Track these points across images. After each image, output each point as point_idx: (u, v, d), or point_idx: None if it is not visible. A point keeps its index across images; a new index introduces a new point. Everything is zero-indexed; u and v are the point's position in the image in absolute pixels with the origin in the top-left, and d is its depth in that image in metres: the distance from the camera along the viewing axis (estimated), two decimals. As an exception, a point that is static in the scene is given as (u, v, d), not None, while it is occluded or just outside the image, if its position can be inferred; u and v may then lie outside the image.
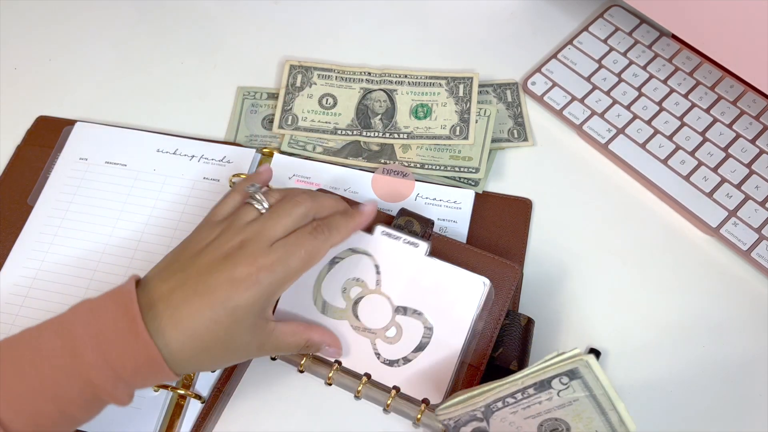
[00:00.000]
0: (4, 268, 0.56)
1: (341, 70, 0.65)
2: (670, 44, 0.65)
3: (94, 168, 0.60)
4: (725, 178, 0.58)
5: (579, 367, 0.37)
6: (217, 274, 0.41)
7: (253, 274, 0.41)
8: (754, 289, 0.55)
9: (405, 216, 0.53)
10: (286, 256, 0.43)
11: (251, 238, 0.43)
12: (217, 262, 0.42)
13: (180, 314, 0.40)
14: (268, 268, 0.42)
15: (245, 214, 0.45)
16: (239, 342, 0.43)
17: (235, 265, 0.42)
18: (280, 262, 0.42)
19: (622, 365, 0.52)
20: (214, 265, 0.42)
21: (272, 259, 0.42)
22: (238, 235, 0.43)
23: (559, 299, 0.55)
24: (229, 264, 0.42)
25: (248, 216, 0.45)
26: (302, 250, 0.43)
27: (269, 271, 0.42)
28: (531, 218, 0.58)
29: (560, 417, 0.40)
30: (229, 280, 0.41)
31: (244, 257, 0.42)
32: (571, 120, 0.62)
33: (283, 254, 0.43)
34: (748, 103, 0.61)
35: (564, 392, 0.38)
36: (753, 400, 0.51)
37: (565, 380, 0.37)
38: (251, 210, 0.45)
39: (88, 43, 0.69)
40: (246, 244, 0.43)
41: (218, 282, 0.41)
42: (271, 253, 0.42)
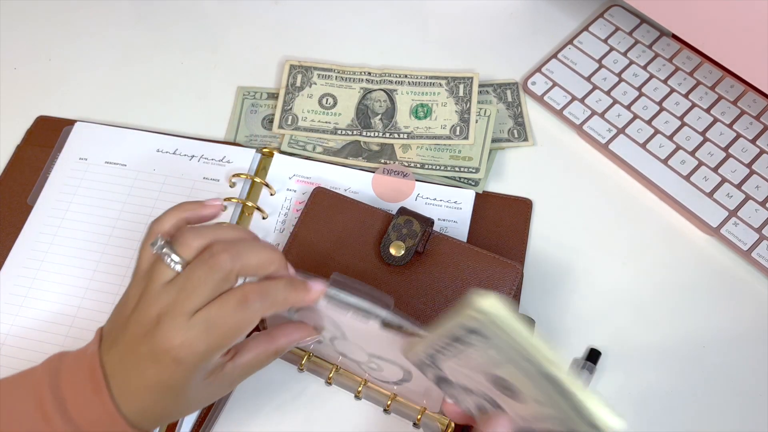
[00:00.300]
0: (4, 268, 0.56)
1: (341, 70, 0.65)
2: (670, 44, 0.64)
3: (94, 168, 0.60)
4: (725, 178, 0.58)
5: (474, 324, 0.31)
6: (141, 355, 0.38)
7: (172, 354, 0.38)
8: (754, 289, 0.55)
9: (404, 215, 0.53)
10: (206, 332, 0.38)
11: (166, 312, 0.38)
12: (139, 340, 0.39)
13: (127, 394, 0.39)
14: (188, 347, 0.38)
15: (159, 273, 0.40)
16: (199, 398, 0.41)
17: (155, 344, 0.38)
18: (200, 340, 0.38)
19: (621, 365, 0.52)
20: (137, 343, 0.39)
21: (191, 336, 0.38)
22: (155, 306, 0.39)
23: (559, 299, 0.55)
24: (149, 342, 0.38)
25: (162, 276, 0.40)
26: (226, 326, 0.38)
27: (189, 349, 0.38)
28: (531, 218, 0.58)
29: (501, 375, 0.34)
30: (153, 361, 0.38)
31: (161, 336, 0.38)
32: (572, 120, 0.62)
33: (202, 330, 0.38)
34: (748, 103, 0.61)
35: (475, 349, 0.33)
36: (753, 400, 0.51)
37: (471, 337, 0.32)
38: (164, 269, 0.40)
39: (87, 42, 0.69)
40: (162, 319, 0.38)
41: (145, 365, 0.38)
42: (189, 329, 0.38)
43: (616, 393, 0.51)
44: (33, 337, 0.53)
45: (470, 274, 0.51)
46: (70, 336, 0.53)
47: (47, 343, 0.52)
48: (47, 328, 0.53)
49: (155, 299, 0.39)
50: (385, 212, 0.54)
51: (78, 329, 0.53)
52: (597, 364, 0.52)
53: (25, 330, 0.53)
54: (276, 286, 0.40)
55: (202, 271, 0.39)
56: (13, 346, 0.52)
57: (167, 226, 0.42)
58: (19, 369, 0.41)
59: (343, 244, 0.53)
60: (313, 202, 0.55)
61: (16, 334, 0.53)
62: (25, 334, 0.53)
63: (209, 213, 0.44)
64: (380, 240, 0.53)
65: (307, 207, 0.55)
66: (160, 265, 0.40)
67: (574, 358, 0.53)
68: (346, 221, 0.54)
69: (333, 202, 0.55)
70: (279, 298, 0.40)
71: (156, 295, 0.39)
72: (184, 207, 0.43)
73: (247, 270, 0.40)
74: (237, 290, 0.39)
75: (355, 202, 0.55)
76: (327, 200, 0.55)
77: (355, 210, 0.54)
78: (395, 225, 0.52)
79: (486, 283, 0.51)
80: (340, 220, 0.54)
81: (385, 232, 0.53)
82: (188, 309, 0.38)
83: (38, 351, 0.52)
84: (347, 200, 0.55)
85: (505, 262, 0.51)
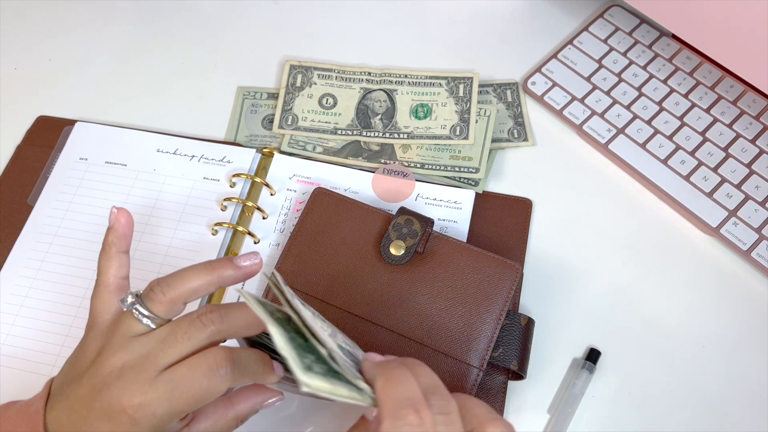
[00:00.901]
0: (4, 268, 0.56)
1: (341, 70, 0.65)
2: (670, 44, 0.65)
3: (94, 168, 0.60)
4: (725, 178, 0.58)
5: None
6: (95, 412, 0.36)
7: (129, 414, 0.35)
8: (754, 289, 0.55)
9: (404, 215, 0.53)
10: (168, 395, 0.36)
11: (133, 365, 0.36)
12: (95, 393, 0.36)
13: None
14: (147, 407, 0.35)
15: (128, 326, 0.38)
16: None
17: (110, 401, 0.36)
18: (160, 402, 0.36)
19: (621, 365, 0.52)
20: (92, 396, 0.36)
21: (151, 398, 0.35)
22: (119, 357, 0.37)
23: (559, 299, 0.55)
24: (105, 398, 0.36)
25: (132, 329, 0.38)
26: (191, 391, 0.36)
27: (148, 411, 0.35)
28: (531, 218, 0.58)
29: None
30: (106, 419, 0.36)
31: (119, 392, 0.36)
32: (571, 120, 0.62)
33: (165, 393, 0.36)
34: (748, 103, 0.61)
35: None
36: (753, 400, 0.51)
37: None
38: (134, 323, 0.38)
39: (88, 43, 0.69)
40: (125, 373, 0.36)
41: (98, 421, 0.36)
42: (150, 390, 0.35)
43: (616, 393, 0.51)
44: (33, 337, 0.53)
45: (470, 274, 0.51)
46: (70, 336, 0.53)
47: (47, 343, 0.52)
48: (47, 328, 0.53)
49: (121, 350, 0.37)
50: (385, 212, 0.54)
51: (78, 329, 0.53)
52: (597, 364, 0.52)
53: (25, 330, 0.53)
54: (248, 359, 0.38)
55: (188, 327, 0.37)
56: (13, 346, 0.52)
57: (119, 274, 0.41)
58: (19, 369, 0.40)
59: (343, 243, 0.53)
60: (314, 203, 0.55)
61: (16, 334, 0.53)
62: (25, 334, 0.53)
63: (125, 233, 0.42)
64: (380, 240, 0.53)
65: (307, 207, 0.55)
66: (128, 319, 0.38)
67: (574, 358, 0.53)
68: (346, 221, 0.54)
69: (333, 202, 0.55)
70: (249, 371, 0.38)
71: (122, 346, 0.37)
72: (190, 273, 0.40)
73: (234, 331, 0.38)
74: (208, 354, 0.37)
75: (355, 202, 0.55)
76: (327, 200, 0.55)
77: (355, 210, 0.54)
78: (395, 224, 0.52)
79: (486, 283, 0.51)
80: (340, 220, 0.54)
81: (385, 232, 0.53)
82: (160, 364, 0.36)
83: (38, 351, 0.52)
84: (347, 200, 0.55)
85: (505, 262, 0.51)
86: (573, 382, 0.51)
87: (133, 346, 0.37)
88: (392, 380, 0.33)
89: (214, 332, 0.38)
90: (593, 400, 0.51)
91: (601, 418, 0.51)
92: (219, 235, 0.56)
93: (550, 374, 0.52)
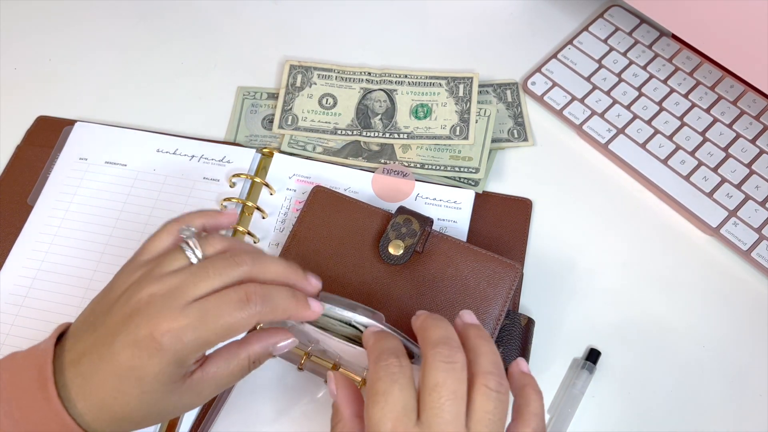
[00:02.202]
0: (4, 268, 0.56)
1: (341, 70, 0.65)
2: (670, 44, 0.65)
3: (94, 168, 0.60)
4: (725, 178, 0.58)
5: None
6: (121, 336, 0.36)
7: (156, 339, 0.36)
8: (754, 289, 0.55)
9: (403, 215, 0.53)
10: (198, 322, 0.36)
11: (164, 293, 0.37)
12: (123, 321, 0.37)
13: (88, 385, 0.36)
14: (174, 333, 0.36)
15: (172, 259, 0.39)
16: (162, 406, 0.38)
17: (138, 326, 0.36)
18: (189, 329, 0.36)
19: (621, 365, 0.52)
20: (120, 324, 0.37)
21: (181, 324, 0.36)
22: (152, 287, 0.37)
23: (559, 299, 0.55)
24: (133, 324, 0.36)
25: (174, 263, 0.38)
26: (220, 321, 0.37)
27: (175, 336, 0.36)
28: (531, 218, 0.58)
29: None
30: (131, 344, 0.36)
31: (147, 317, 0.36)
32: (571, 120, 0.62)
33: (195, 320, 0.36)
34: (748, 103, 0.61)
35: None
36: (753, 400, 0.51)
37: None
38: (180, 256, 0.39)
39: (88, 43, 0.69)
40: (154, 300, 0.37)
41: (121, 346, 0.36)
42: (181, 316, 0.36)
43: (616, 393, 0.51)
44: (33, 337, 0.53)
45: (469, 273, 0.51)
46: (70, 336, 0.53)
47: (47, 343, 0.52)
48: (48, 328, 0.52)
49: (156, 281, 0.37)
50: (384, 211, 0.54)
51: (78, 329, 0.53)
52: (597, 364, 0.52)
53: (25, 330, 0.53)
54: (279, 294, 0.39)
55: (221, 263, 0.38)
56: (13, 346, 0.52)
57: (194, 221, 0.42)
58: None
59: (342, 243, 0.53)
60: (313, 201, 0.55)
61: (17, 334, 0.53)
62: (26, 334, 0.53)
63: (226, 221, 0.44)
64: (379, 239, 0.53)
65: (306, 205, 0.55)
66: (175, 253, 0.39)
67: (574, 358, 0.53)
68: (345, 220, 0.54)
69: (332, 201, 0.55)
70: (279, 307, 0.39)
71: (158, 278, 0.38)
72: (202, 213, 0.43)
73: (264, 275, 0.39)
74: (239, 288, 0.38)
75: (354, 201, 0.55)
76: (326, 199, 0.55)
77: (354, 209, 0.54)
78: (394, 224, 0.52)
79: (485, 283, 0.50)
80: (339, 219, 0.54)
81: (384, 232, 0.53)
82: (190, 294, 0.37)
83: (38, 351, 0.52)
84: (346, 199, 0.55)
85: (505, 261, 0.51)
86: (573, 382, 0.51)
87: (167, 278, 0.37)
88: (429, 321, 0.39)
89: (246, 272, 0.38)
90: (593, 400, 0.51)
91: (601, 418, 0.51)
92: (219, 235, 0.56)
93: (550, 374, 0.52)
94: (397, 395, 0.36)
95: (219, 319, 0.37)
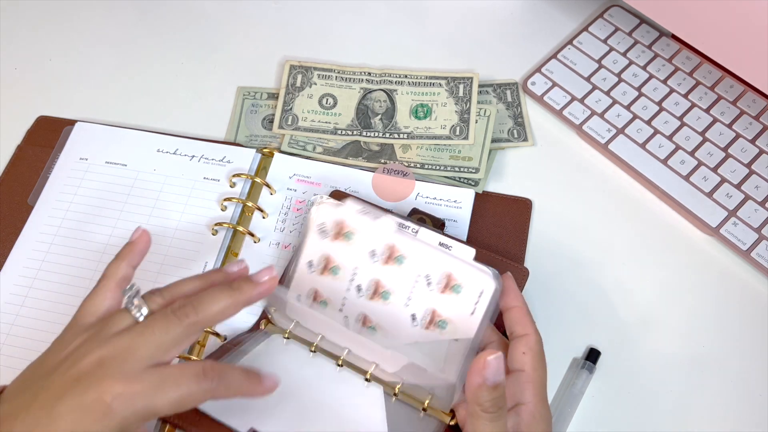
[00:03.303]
0: (4, 268, 0.56)
1: (341, 70, 0.65)
2: (670, 44, 0.65)
3: (94, 168, 0.60)
4: (725, 178, 0.58)
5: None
6: (65, 400, 0.35)
7: (105, 402, 0.34)
8: (754, 289, 0.55)
9: (417, 215, 0.53)
10: (153, 390, 0.35)
11: (114, 356, 0.36)
12: (68, 385, 0.35)
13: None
14: (126, 398, 0.35)
15: (117, 320, 0.38)
16: None
17: (86, 390, 0.35)
18: (142, 395, 0.35)
19: (621, 365, 0.52)
20: (64, 388, 0.35)
21: (135, 389, 0.35)
22: (100, 350, 0.36)
23: (559, 299, 0.55)
24: (80, 388, 0.35)
25: (120, 324, 0.38)
26: (176, 391, 0.36)
27: (127, 401, 0.35)
28: (531, 218, 0.58)
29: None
30: (76, 409, 0.34)
31: (97, 380, 0.35)
32: (571, 120, 0.62)
33: (150, 387, 0.35)
34: (748, 103, 0.61)
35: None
36: (753, 400, 0.51)
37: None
38: (125, 316, 0.38)
39: (88, 43, 0.69)
40: (104, 363, 0.35)
41: (65, 411, 0.34)
42: (135, 381, 0.35)
43: (616, 393, 0.51)
44: (33, 338, 0.53)
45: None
46: (71, 336, 0.53)
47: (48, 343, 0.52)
48: (48, 328, 0.53)
49: (104, 343, 0.37)
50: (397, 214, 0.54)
51: (78, 329, 0.53)
52: (597, 364, 0.52)
53: (25, 330, 0.53)
54: (233, 374, 0.39)
55: (164, 320, 0.38)
56: (13, 346, 0.52)
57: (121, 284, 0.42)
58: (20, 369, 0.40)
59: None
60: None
61: (17, 334, 0.53)
62: (26, 335, 0.53)
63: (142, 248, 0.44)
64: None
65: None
66: (115, 316, 0.39)
67: (573, 357, 0.53)
68: None
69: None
70: (233, 386, 0.39)
71: (104, 341, 0.37)
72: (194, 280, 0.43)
73: (209, 319, 0.39)
74: (198, 362, 0.38)
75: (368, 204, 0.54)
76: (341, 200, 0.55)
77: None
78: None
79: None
80: None
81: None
82: (143, 356, 0.36)
83: (39, 351, 0.52)
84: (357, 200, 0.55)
85: (512, 264, 0.51)
86: (573, 382, 0.51)
87: (114, 340, 0.37)
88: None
89: (191, 324, 0.38)
90: (593, 400, 0.51)
91: (601, 418, 0.51)
92: (219, 235, 0.56)
93: (550, 374, 0.52)
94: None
95: (176, 389, 0.36)
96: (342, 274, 0.49)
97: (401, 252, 0.47)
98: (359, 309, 0.48)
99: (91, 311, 0.40)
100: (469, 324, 0.46)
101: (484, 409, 0.39)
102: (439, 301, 0.46)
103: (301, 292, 0.50)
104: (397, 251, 0.47)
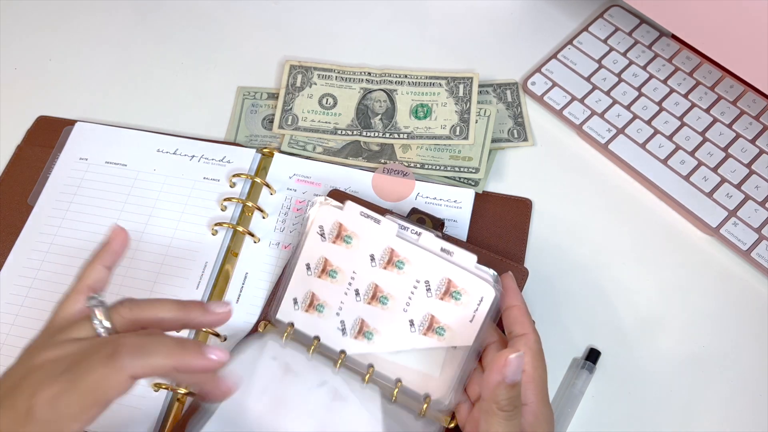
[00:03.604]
0: (4, 268, 0.56)
1: (341, 70, 0.65)
2: (670, 44, 0.65)
3: (94, 168, 0.60)
4: (725, 178, 0.58)
5: None
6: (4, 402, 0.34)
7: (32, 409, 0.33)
8: (754, 289, 0.55)
9: (417, 215, 0.53)
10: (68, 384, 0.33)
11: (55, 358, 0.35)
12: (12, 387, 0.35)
13: None
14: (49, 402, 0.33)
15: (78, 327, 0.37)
16: None
17: (20, 395, 0.34)
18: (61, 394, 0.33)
19: (621, 365, 0.52)
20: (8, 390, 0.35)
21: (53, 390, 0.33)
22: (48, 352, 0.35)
23: (559, 299, 0.55)
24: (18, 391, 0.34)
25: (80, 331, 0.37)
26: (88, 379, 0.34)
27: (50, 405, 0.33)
28: (531, 218, 0.58)
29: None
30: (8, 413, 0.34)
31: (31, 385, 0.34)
32: (571, 120, 0.62)
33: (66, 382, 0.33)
34: (748, 103, 0.61)
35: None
36: (753, 400, 0.51)
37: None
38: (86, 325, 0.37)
39: (88, 43, 0.69)
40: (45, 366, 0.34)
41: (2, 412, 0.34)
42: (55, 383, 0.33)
43: (616, 393, 0.51)
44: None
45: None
46: (71, 336, 0.53)
47: (47, 343, 0.52)
48: (47, 327, 0.53)
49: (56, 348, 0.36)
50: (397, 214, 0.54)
51: (78, 329, 0.53)
52: (597, 364, 0.52)
53: (25, 330, 0.53)
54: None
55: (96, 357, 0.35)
56: (13, 346, 0.52)
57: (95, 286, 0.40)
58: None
59: None
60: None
61: (17, 334, 0.53)
62: (26, 335, 0.53)
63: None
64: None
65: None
66: (80, 323, 0.37)
67: (573, 357, 0.53)
68: None
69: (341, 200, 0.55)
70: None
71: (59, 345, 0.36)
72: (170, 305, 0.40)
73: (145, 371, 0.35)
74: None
75: (365, 203, 0.55)
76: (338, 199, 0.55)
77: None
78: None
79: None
80: None
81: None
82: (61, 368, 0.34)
83: (38, 351, 0.52)
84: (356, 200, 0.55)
85: (512, 264, 0.51)
86: (573, 382, 0.51)
87: (67, 346, 0.35)
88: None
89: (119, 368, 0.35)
90: (593, 400, 0.51)
91: (601, 418, 0.51)
92: (219, 235, 0.56)
93: (550, 374, 0.52)
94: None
95: (87, 376, 0.33)
96: (340, 277, 0.49)
97: (401, 257, 0.47)
98: (357, 313, 0.48)
99: (62, 315, 0.39)
100: (468, 331, 0.46)
101: (501, 407, 0.39)
102: (438, 307, 0.46)
103: (298, 294, 0.50)
104: (397, 256, 0.47)
